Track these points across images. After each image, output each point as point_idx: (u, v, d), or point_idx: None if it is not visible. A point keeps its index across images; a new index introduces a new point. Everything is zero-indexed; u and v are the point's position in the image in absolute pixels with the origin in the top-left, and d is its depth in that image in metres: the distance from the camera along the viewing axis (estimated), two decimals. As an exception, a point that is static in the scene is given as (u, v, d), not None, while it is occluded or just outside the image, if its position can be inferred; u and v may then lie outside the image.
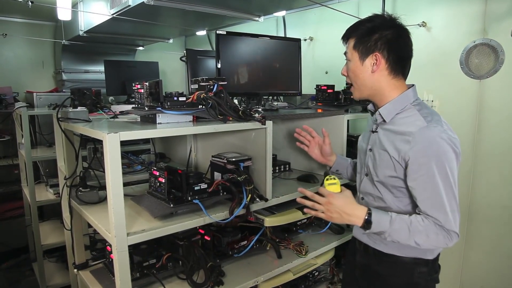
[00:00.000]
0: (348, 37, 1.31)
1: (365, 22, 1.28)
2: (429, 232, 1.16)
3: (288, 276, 1.78)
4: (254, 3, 2.48)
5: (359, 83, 1.31)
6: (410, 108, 1.26)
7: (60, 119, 1.59)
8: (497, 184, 2.04)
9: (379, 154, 1.30)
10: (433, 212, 1.16)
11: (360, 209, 1.22)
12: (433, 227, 1.16)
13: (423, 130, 1.16)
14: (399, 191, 1.27)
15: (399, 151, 1.21)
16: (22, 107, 2.75)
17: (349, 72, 1.33)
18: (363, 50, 1.26)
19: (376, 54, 1.24)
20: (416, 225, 1.16)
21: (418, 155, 1.16)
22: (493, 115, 2.02)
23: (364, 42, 1.25)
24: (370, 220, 1.19)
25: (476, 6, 2.02)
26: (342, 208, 1.21)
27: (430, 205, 1.17)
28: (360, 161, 1.46)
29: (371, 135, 1.37)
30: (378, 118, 1.32)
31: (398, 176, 1.24)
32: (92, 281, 1.60)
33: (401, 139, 1.21)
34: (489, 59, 2.00)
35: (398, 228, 1.17)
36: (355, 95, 1.37)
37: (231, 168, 1.57)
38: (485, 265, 2.13)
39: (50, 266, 3.00)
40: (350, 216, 1.22)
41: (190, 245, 1.57)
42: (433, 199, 1.16)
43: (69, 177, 1.66)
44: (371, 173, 1.34)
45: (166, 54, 4.16)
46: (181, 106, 1.43)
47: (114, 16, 2.41)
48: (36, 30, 3.74)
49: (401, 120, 1.26)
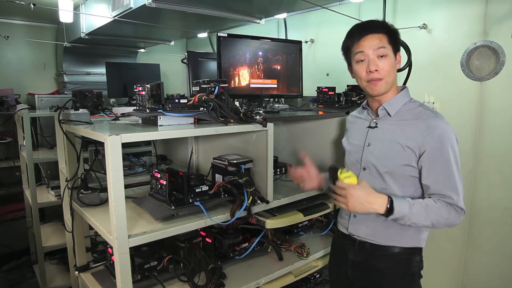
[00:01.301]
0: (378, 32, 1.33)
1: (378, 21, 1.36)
2: (442, 212, 1.25)
3: (289, 278, 1.78)
4: (256, 6, 2.49)
5: (393, 77, 1.36)
6: (410, 104, 1.37)
7: (61, 121, 1.59)
8: (499, 185, 2.04)
9: (388, 146, 1.35)
10: (447, 192, 1.26)
11: (381, 197, 1.26)
12: (445, 207, 1.26)
13: (436, 119, 1.28)
14: (407, 180, 1.33)
15: (415, 139, 1.28)
16: (24, 109, 2.76)
17: (386, 66, 1.32)
18: (394, 47, 1.34)
19: (398, 52, 1.37)
20: (431, 207, 1.25)
21: (434, 141, 1.26)
22: (494, 117, 2.02)
23: (395, 39, 1.34)
24: (393, 207, 1.24)
25: (477, 8, 2.02)
26: (364, 198, 1.25)
27: (445, 186, 1.27)
28: (353, 158, 1.48)
29: (369, 131, 1.42)
30: (381, 113, 1.38)
31: (409, 164, 1.31)
32: (93, 283, 1.60)
33: (414, 129, 1.30)
34: (490, 61, 2.00)
35: (416, 211, 1.24)
36: (381, 89, 1.35)
37: (232, 170, 1.57)
38: (487, 266, 2.12)
39: (51, 268, 3.00)
40: (372, 204, 1.26)
41: (191, 247, 1.56)
42: (447, 180, 1.27)
43: (71, 179, 1.66)
44: (374, 166, 1.38)
45: (168, 56, 4.17)
46: (182, 108, 1.43)
47: (115, 18, 2.41)
48: (38, 32, 3.75)
49: (407, 113, 1.35)
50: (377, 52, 1.31)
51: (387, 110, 1.37)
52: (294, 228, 2.00)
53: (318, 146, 2.15)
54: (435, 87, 2.21)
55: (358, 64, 1.36)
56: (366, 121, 1.45)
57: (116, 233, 1.18)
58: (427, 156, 1.28)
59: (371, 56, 1.32)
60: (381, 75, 1.33)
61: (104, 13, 2.56)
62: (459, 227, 2.18)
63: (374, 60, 1.32)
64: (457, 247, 2.21)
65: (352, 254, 1.46)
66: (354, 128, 1.54)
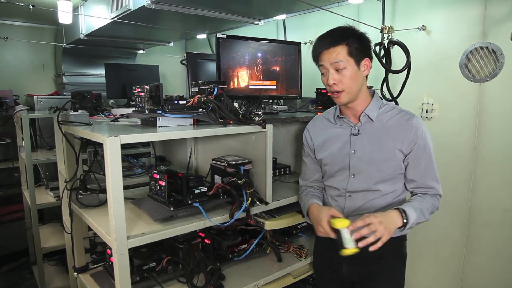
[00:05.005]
0: (335, 45, 1.34)
1: (340, 31, 1.37)
2: (430, 205, 1.38)
3: (288, 279, 1.78)
4: (255, 7, 2.49)
5: (355, 88, 1.38)
6: (385, 106, 1.45)
7: (60, 122, 1.59)
8: (498, 187, 2.04)
9: (377, 150, 1.41)
10: (431, 183, 1.41)
11: (394, 214, 1.29)
12: (430, 199, 1.40)
13: (416, 119, 1.39)
14: (396, 177, 1.42)
15: (402, 140, 1.37)
16: (22, 110, 2.76)
17: (344, 79, 1.35)
18: (357, 56, 1.34)
19: (367, 59, 1.38)
20: (424, 205, 1.36)
21: (420, 138, 1.37)
22: (493, 118, 2.02)
23: (356, 48, 1.34)
24: (407, 220, 1.29)
25: (476, 10, 2.02)
26: (388, 221, 1.25)
27: (429, 177, 1.41)
28: (338, 167, 1.49)
29: (352, 139, 1.45)
30: (363, 119, 1.43)
31: (399, 163, 1.40)
32: (92, 284, 1.60)
33: (399, 131, 1.38)
34: (488, 63, 2.00)
35: (418, 215, 1.32)
36: (344, 100, 1.39)
37: (231, 172, 1.57)
38: (487, 269, 2.12)
39: (50, 269, 2.99)
40: (394, 225, 1.27)
41: (190, 249, 1.56)
42: (430, 172, 1.41)
43: (70, 180, 1.66)
44: (366, 171, 1.43)
45: (167, 57, 4.17)
46: (181, 110, 1.43)
47: (114, 19, 2.41)
48: (37, 33, 3.75)
49: (386, 116, 1.42)
50: (334, 65, 1.35)
51: (369, 116, 1.42)
52: (293, 229, 2.00)
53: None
54: (434, 89, 2.21)
55: (323, 75, 1.41)
56: (343, 130, 1.48)
57: (115, 234, 1.18)
58: (413, 154, 1.38)
59: (330, 70, 1.36)
60: (340, 88, 1.37)
61: (103, 14, 2.56)
62: (458, 229, 2.18)
63: (332, 74, 1.36)
64: (456, 249, 2.21)
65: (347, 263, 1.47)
66: (328, 138, 1.53)
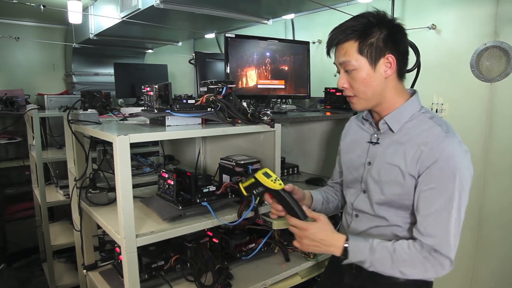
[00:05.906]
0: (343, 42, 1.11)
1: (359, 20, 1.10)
2: (415, 261, 1.04)
3: (296, 279, 1.77)
4: (263, 7, 2.49)
5: (370, 94, 1.12)
6: (419, 116, 1.13)
7: (70, 121, 1.61)
8: (509, 188, 2.01)
9: (386, 169, 1.14)
10: (433, 231, 1.03)
11: (337, 238, 1.11)
12: (419, 254, 1.04)
13: (442, 140, 1.04)
14: (403, 210, 1.14)
15: (415, 164, 1.07)
16: (33, 109, 2.80)
17: (354, 83, 1.12)
18: (372, 54, 1.08)
19: (390, 56, 1.09)
20: (400, 253, 1.05)
21: (433, 166, 1.03)
22: (504, 118, 1.99)
23: (371, 43, 1.08)
24: (346, 256, 1.08)
25: (487, 8, 1.99)
26: (320, 239, 1.10)
27: (432, 222, 1.04)
28: (352, 177, 1.28)
29: (370, 147, 1.21)
30: (382, 127, 1.18)
31: (407, 193, 1.10)
32: (101, 281, 1.61)
33: (415, 151, 1.07)
34: (500, 62, 1.97)
35: (380, 257, 1.06)
36: (359, 107, 1.17)
37: (240, 171, 1.57)
38: (497, 271, 2.09)
39: (60, 267, 3.03)
40: (326, 248, 1.10)
41: (198, 247, 1.57)
42: (437, 216, 1.03)
43: (79, 179, 1.68)
44: (372, 190, 1.19)
45: (175, 56, 4.19)
46: (190, 109, 1.43)
47: (124, 19, 2.43)
48: (47, 33, 3.80)
49: (413, 130, 1.12)
50: (343, 66, 1.13)
51: (389, 125, 1.15)
52: (301, 229, 1.99)
53: (326, 147, 2.15)
54: (444, 88, 2.19)
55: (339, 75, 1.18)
56: (368, 134, 1.24)
57: (124, 232, 1.19)
58: (421, 182, 1.06)
59: (341, 70, 1.15)
60: (351, 93, 1.15)
61: (112, 14, 2.58)
62: (468, 231, 2.15)
63: (342, 76, 1.14)
64: (465, 251, 2.19)
65: (348, 278, 1.26)
66: (354, 140, 1.32)
